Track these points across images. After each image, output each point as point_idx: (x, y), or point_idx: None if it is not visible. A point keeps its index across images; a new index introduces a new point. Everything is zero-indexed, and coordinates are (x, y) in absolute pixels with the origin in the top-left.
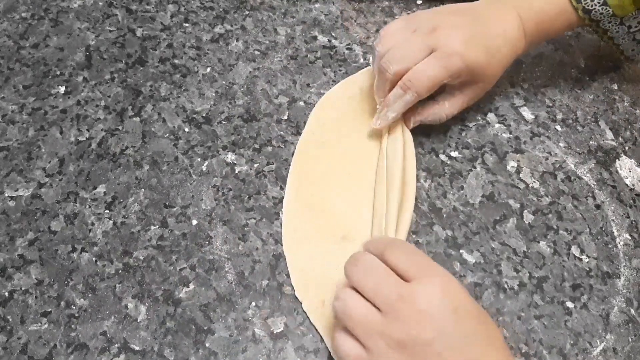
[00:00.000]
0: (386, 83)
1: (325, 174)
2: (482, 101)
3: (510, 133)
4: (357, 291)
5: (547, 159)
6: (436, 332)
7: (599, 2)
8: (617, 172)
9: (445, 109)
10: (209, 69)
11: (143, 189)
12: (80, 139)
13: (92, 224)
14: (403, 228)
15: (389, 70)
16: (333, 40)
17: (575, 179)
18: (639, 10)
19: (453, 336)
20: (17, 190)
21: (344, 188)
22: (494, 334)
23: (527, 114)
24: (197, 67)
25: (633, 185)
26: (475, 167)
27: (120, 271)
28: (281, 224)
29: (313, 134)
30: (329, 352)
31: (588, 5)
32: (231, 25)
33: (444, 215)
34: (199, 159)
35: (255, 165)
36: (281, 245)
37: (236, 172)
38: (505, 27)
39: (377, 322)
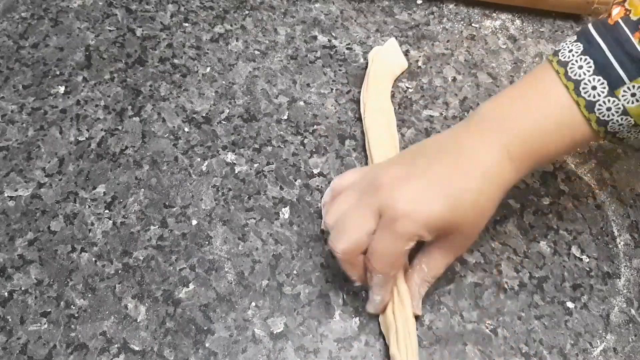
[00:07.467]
0: (346, 263)
1: None
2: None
3: None
4: None
5: None
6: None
7: (616, 112)
8: (617, 172)
9: (425, 273)
10: (208, 69)
11: (143, 189)
12: (80, 138)
13: (92, 224)
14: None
15: (337, 250)
16: (333, 40)
17: (575, 179)
18: None
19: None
20: (16, 190)
21: None
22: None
23: None
24: (197, 67)
25: (633, 185)
26: None
27: (120, 271)
28: (281, 225)
29: None
30: (329, 352)
31: (604, 115)
32: (231, 25)
33: None
34: (199, 159)
35: (255, 165)
36: (281, 245)
37: (236, 172)
38: (481, 164)
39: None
